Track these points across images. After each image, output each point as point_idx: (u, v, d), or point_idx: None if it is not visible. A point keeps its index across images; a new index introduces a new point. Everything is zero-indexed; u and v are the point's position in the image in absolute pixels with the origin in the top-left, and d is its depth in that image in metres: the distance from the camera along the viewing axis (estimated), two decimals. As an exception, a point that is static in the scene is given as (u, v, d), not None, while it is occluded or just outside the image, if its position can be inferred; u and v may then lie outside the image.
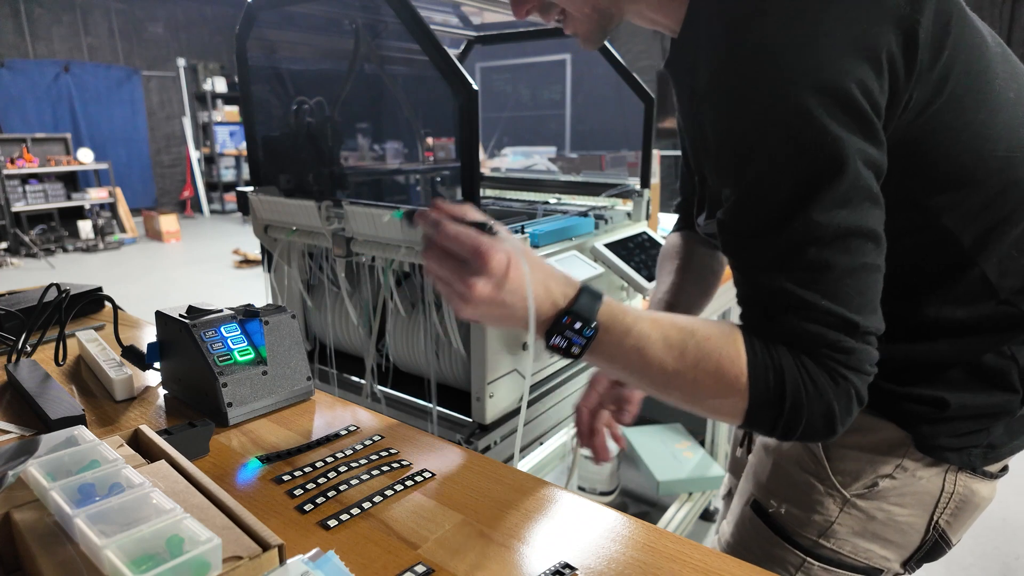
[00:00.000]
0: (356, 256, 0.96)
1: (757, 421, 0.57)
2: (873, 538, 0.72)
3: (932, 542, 0.72)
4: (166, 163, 9.11)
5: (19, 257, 6.36)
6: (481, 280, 0.54)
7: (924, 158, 0.57)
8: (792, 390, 0.54)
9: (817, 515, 0.73)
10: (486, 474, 0.59)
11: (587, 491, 2.07)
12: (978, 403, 0.66)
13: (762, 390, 0.55)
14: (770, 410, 0.55)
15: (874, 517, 0.71)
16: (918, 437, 0.68)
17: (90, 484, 0.42)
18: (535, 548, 0.49)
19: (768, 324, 0.56)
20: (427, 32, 0.79)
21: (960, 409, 0.66)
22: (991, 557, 1.86)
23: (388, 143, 1.58)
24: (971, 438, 0.67)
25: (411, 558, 0.47)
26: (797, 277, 0.53)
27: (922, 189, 0.59)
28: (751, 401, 0.55)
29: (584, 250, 1.03)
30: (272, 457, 0.61)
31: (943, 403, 0.66)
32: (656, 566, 0.47)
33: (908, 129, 0.55)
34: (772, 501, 0.77)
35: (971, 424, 0.67)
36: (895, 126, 0.55)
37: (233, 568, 0.37)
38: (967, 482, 0.70)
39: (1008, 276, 0.62)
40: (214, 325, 0.68)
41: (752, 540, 0.79)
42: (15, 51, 7.46)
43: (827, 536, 0.73)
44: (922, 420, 0.67)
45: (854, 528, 0.72)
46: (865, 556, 0.73)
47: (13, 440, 0.64)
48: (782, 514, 0.76)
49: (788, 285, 0.53)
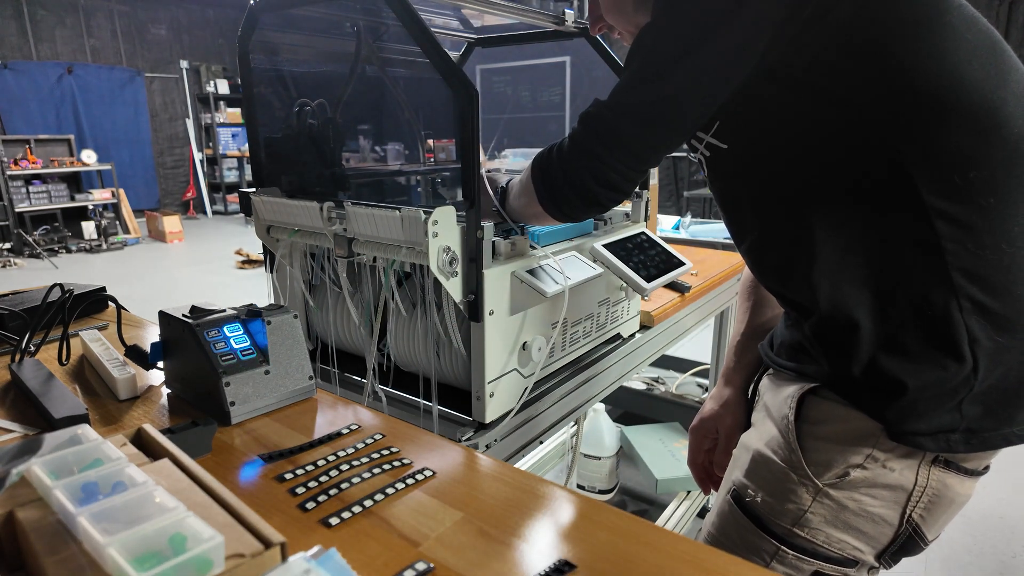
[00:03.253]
0: (357, 256, 0.96)
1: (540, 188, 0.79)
2: (846, 528, 0.73)
3: (906, 536, 0.72)
4: (169, 164, 9.13)
5: (23, 257, 6.38)
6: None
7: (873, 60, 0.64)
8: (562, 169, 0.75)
9: (791, 504, 0.74)
10: (486, 472, 0.60)
11: (586, 489, 2.07)
12: (934, 379, 0.66)
13: (542, 176, 0.78)
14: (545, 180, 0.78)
15: (846, 507, 0.72)
16: (886, 424, 0.69)
17: (93, 482, 0.42)
18: (534, 545, 0.49)
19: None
20: (428, 34, 0.79)
21: (919, 390, 0.66)
22: (988, 556, 1.86)
23: (389, 144, 1.58)
24: (941, 420, 0.67)
25: (412, 555, 0.48)
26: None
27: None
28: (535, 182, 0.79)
29: (583, 250, 1.03)
30: (274, 455, 0.61)
31: (901, 385, 0.67)
32: (655, 563, 0.47)
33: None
34: (749, 491, 0.78)
35: (934, 404, 0.67)
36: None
37: (236, 566, 0.37)
38: (941, 477, 0.70)
39: (942, 198, 0.64)
40: (217, 325, 0.69)
41: (731, 529, 0.81)
42: (18, 53, 7.49)
43: (800, 525, 0.74)
44: (886, 406, 0.68)
45: (827, 517, 0.73)
46: (839, 547, 0.73)
47: (17, 439, 0.64)
48: (758, 503, 0.77)
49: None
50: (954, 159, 0.63)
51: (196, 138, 9.15)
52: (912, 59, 0.62)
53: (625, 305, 1.21)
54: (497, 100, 8.80)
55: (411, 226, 0.83)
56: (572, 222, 0.91)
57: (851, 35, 0.62)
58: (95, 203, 7.14)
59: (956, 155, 0.63)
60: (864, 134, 0.65)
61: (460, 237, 0.82)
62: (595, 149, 0.72)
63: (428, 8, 1.36)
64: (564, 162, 0.75)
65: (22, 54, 7.52)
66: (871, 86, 0.63)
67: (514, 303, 0.89)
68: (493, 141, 7.75)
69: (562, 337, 1.04)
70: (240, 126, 9.21)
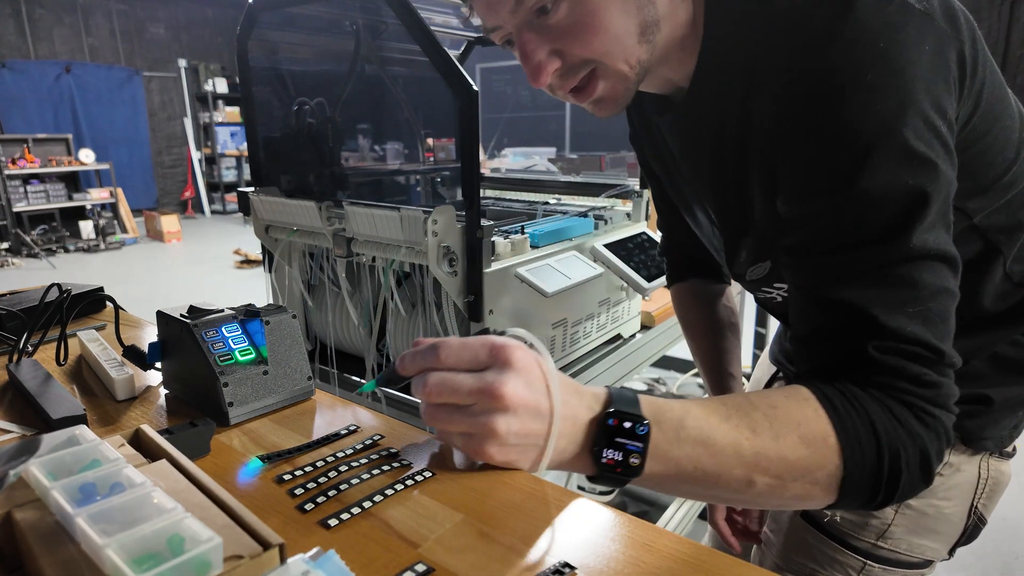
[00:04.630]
0: (356, 256, 0.96)
1: (855, 487, 0.49)
2: (926, 533, 0.75)
3: (972, 525, 0.76)
4: (167, 164, 9.12)
5: (20, 257, 6.37)
6: (509, 379, 0.48)
7: (965, 167, 0.56)
8: (887, 439, 0.48)
9: (874, 519, 0.75)
10: (486, 474, 0.59)
11: (587, 491, 2.07)
12: (1016, 393, 0.70)
13: (855, 447, 0.48)
14: (869, 469, 0.48)
15: (925, 513, 0.74)
16: (963, 432, 0.71)
17: (91, 483, 0.42)
18: (534, 547, 0.49)
19: (838, 360, 0.51)
20: (427, 33, 0.79)
21: (1004, 403, 0.70)
22: (991, 557, 1.86)
23: (389, 144, 1.58)
24: (1006, 423, 0.72)
25: (411, 557, 0.47)
26: (883, 296, 0.49)
27: (962, 195, 0.58)
28: (847, 463, 0.48)
29: (584, 250, 1.03)
30: (273, 456, 0.61)
31: (988, 400, 0.69)
32: (655, 565, 0.47)
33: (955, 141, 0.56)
34: (825, 510, 0.78)
35: (1009, 412, 0.71)
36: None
37: (234, 567, 0.37)
38: (996, 465, 0.74)
39: (1018, 262, 0.65)
40: (215, 325, 0.68)
41: (811, 547, 0.80)
42: (16, 52, 7.47)
43: (885, 538, 0.75)
44: (967, 417, 0.67)
45: (908, 527, 0.74)
46: (920, 551, 0.75)
47: (14, 439, 0.64)
48: (837, 522, 0.77)
49: (872, 304, 0.49)
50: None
51: (194, 137, 9.14)
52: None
53: (626, 305, 1.21)
54: (497, 99, 8.80)
55: (411, 226, 0.83)
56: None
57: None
58: (93, 203, 7.13)
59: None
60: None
61: (460, 237, 0.82)
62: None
63: (428, 7, 1.36)
64: None
65: (20, 53, 7.51)
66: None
67: (514, 303, 0.89)
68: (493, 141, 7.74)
69: (562, 337, 1.04)
70: (239, 125, 9.20)
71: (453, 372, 0.50)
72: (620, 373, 1.18)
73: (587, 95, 0.63)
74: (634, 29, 0.58)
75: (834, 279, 0.52)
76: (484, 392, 0.48)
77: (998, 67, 0.60)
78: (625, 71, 0.60)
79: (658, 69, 0.64)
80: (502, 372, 0.49)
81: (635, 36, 0.58)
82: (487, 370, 0.49)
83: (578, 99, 0.64)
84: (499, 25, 0.62)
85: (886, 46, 0.48)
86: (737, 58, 0.58)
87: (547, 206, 1.33)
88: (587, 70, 0.61)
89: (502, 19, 0.60)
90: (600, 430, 0.50)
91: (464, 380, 0.49)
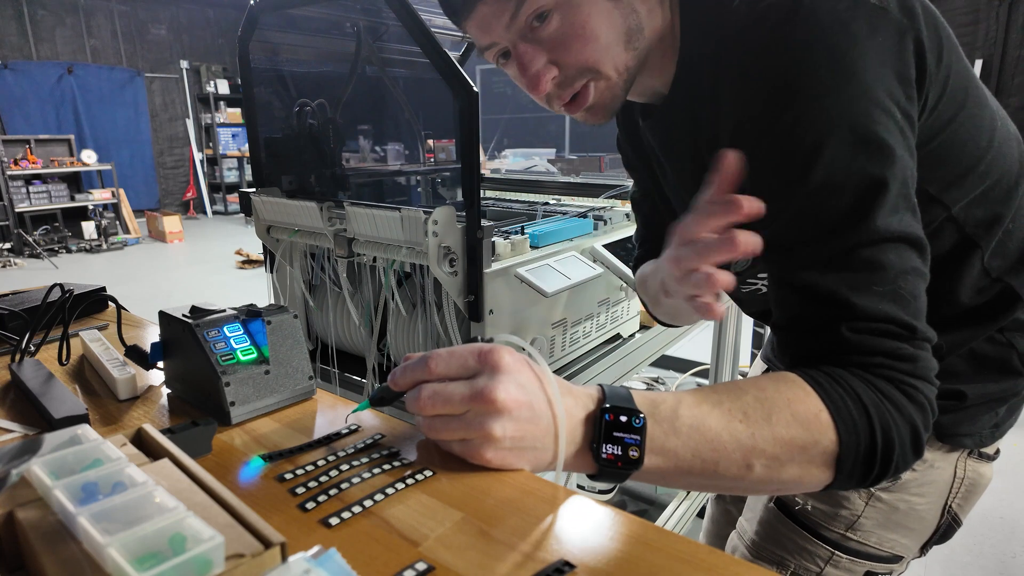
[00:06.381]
0: (357, 256, 0.96)
1: (851, 463, 0.50)
2: (896, 527, 0.75)
3: (946, 525, 0.76)
4: (169, 164, 9.13)
5: (23, 257, 6.38)
6: (500, 382, 0.48)
7: (935, 155, 0.58)
8: (876, 412, 0.49)
9: (844, 510, 0.75)
10: (486, 473, 0.60)
11: (586, 489, 2.07)
12: (991, 390, 0.69)
13: (848, 421, 0.49)
14: (863, 442, 0.49)
15: (897, 508, 0.74)
16: (938, 428, 0.70)
17: (93, 483, 0.42)
18: (534, 546, 0.49)
19: (817, 343, 0.52)
20: (428, 35, 0.79)
21: (977, 398, 0.69)
22: (988, 556, 1.86)
23: (389, 145, 1.58)
24: (984, 421, 0.71)
25: (412, 555, 0.47)
26: (850, 279, 0.51)
27: (938, 184, 0.60)
28: (841, 438, 0.49)
29: (583, 250, 1.03)
30: (274, 455, 0.61)
31: (961, 395, 0.69)
32: (655, 563, 0.47)
33: (922, 130, 0.56)
34: (797, 499, 0.79)
35: (985, 409, 0.71)
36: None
37: (236, 566, 0.37)
38: (975, 466, 0.73)
39: (996, 257, 0.65)
40: (217, 325, 0.69)
41: (780, 536, 0.81)
42: (18, 53, 7.49)
43: (854, 529, 0.75)
44: (942, 412, 0.67)
45: (878, 520, 0.74)
46: (889, 545, 0.75)
47: (17, 439, 0.64)
48: (808, 511, 0.78)
49: (840, 288, 0.51)
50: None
51: (196, 138, 9.15)
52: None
53: (625, 305, 1.21)
54: (497, 100, 8.80)
55: (411, 226, 0.83)
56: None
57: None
58: (95, 203, 7.14)
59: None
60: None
61: (460, 237, 0.82)
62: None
63: (428, 8, 1.37)
64: None
65: (22, 54, 7.52)
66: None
67: (514, 303, 0.89)
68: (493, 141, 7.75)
69: (562, 337, 1.04)
70: (240, 126, 9.21)
71: (445, 382, 0.51)
72: (619, 372, 1.18)
73: (579, 104, 0.65)
74: (621, 37, 0.61)
75: (803, 267, 0.53)
76: (476, 398, 0.49)
77: (998, 66, 0.61)
78: (614, 78, 0.63)
79: (642, 77, 0.66)
80: (492, 376, 0.49)
81: (622, 43, 0.61)
82: (478, 376, 0.50)
83: (570, 110, 0.66)
84: (494, 42, 0.64)
85: (835, 42, 0.50)
86: (706, 63, 0.60)
87: (547, 207, 1.33)
88: (584, 80, 0.63)
89: (497, 36, 0.63)
90: (597, 426, 0.51)
91: (456, 389, 0.50)
